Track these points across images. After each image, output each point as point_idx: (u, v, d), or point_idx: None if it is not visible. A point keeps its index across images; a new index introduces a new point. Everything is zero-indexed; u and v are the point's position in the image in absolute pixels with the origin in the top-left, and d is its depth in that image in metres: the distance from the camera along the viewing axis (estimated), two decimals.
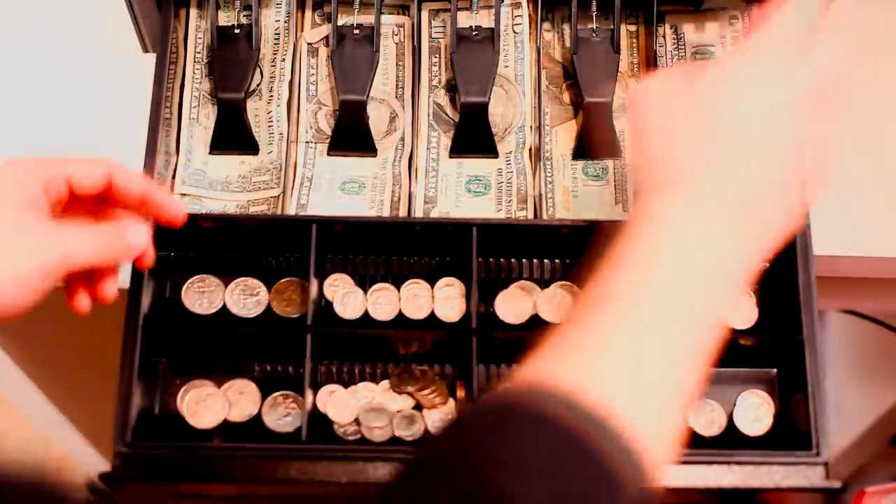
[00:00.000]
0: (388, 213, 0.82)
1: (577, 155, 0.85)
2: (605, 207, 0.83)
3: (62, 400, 1.42)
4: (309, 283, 0.78)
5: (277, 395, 0.78)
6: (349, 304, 0.79)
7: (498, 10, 0.85)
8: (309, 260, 0.78)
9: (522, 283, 0.80)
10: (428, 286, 0.80)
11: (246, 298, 0.80)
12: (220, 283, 0.80)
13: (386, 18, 0.88)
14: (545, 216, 0.82)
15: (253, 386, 0.78)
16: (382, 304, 0.79)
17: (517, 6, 0.87)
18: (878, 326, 1.27)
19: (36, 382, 1.34)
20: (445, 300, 0.80)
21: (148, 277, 0.77)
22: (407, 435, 0.77)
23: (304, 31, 0.88)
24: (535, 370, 0.55)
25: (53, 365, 1.37)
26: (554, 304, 0.79)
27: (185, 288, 0.80)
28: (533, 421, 0.51)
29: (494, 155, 0.85)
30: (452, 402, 0.77)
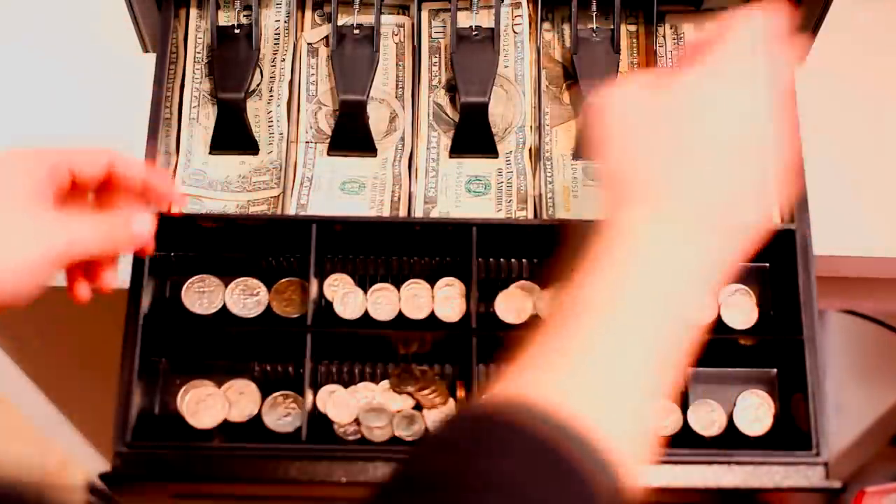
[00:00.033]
0: (388, 213, 0.82)
1: (577, 155, 0.85)
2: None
3: (62, 400, 1.42)
4: (309, 283, 0.78)
5: (277, 395, 0.78)
6: (349, 304, 0.79)
7: (498, 10, 0.85)
8: (309, 260, 0.78)
9: (522, 283, 0.80)
10: (428, 286, 0.80)
11: (246, 298, 0.80)
12: (220, 283, 0.80)
13: (386, 18, 0.88)
14: (545, 216, 0.82)
15: (253, 386, 0.78)
16: (382, 304, 0.80)
17: (517, 6, 0.87)
18: (878, 326, 1.27)
19: (36, 382, 1.34)
20: (445, 300, 0.80)
21: (148, 277, 0.77)
22: (407, 435, 0.77)
23: (304, 31, 0.88)
24: (511, 385, 0.55)
25: (53, 365, 1.37)
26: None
27: (185, 288, 0.80)
28: (511, 438, 0.51)
29: (494, 155, 0.85)
30: (452, 402, 0.78)
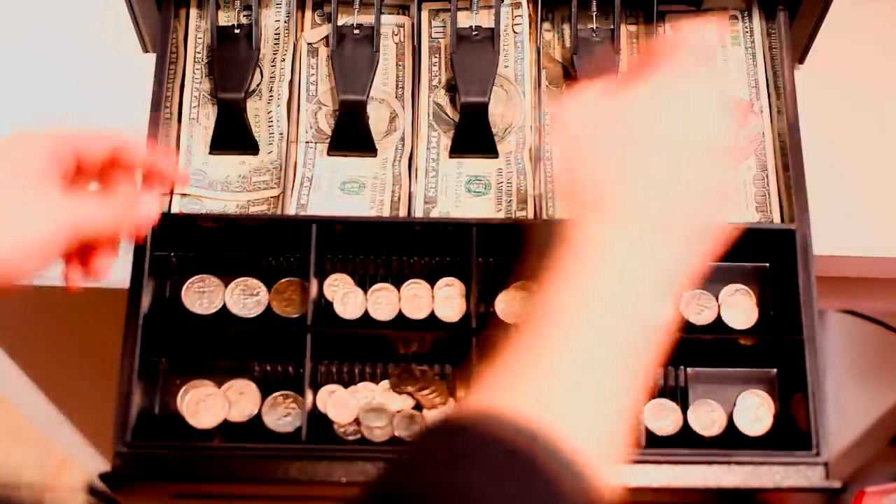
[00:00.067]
0: (388, 213, 0.82)
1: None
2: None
3: (62, 400, 1.42)
4: (309, 283, 0.78)
5: (277, 395, 0.78)
6: (349, 304, 0.79)
7: (498, 10, 0.85)
8: (309, 260, 0.78)
9: (522, 283, 0.80)
10: (428, 286, 0.80)
11: (246, 298, 0.80)
12: (220, 283, 0.80)
13: (386, 18, 0.88)
14: (545, 216, 0.82)
15: (253, 386, 0.78)
16: (382, 304, 0.79)
17: (517, 6, 0.87)
18: (878, 327, 1.27)
19: (36, 382, 1.33)
20: (445, 300, 0.79)
21: (148, 277, 0.77)
22: (407, 435, 0.77)
23: (304, 31, 0.88)
24: (484, 396, 0.56)
25: (53, 365, 1.37)
26: None
27: (185, 288, 0.80)
28: (485, 451, 0.52)
29: (494, 155, 0.84)
30: (452, 401, 0.78)
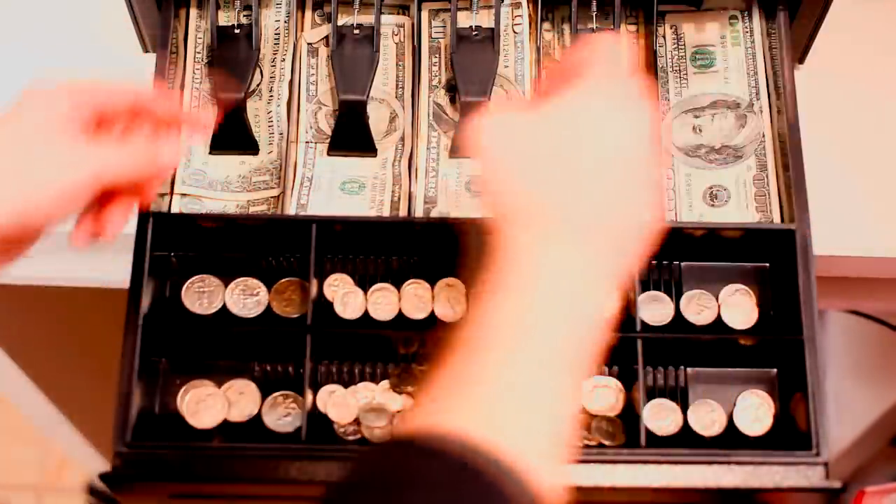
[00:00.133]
0: (388, 213, 0.82)
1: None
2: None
3: (62, 400, 1.42)
4: (309, 283, 0.78)
5: (277, 395, 0.78)
6: (349, 304, 0.79)
7: (498, 10, 0.85)
8: (309, 260, 0.78)
9: None
10: (428, 286, 0.80)
11: (246, 298, 0.80)
12: (220, 283, 0.80)
13: (386, 18, 0.88)
14: None
15: (253, 386, 0.78)
16: (382, 304, 0.79)
17: (517, 6, 0.87)
18: (878, 327, 1.27)
19: (36, 382, 1.34)
20: (445, 300, 0.79)
21: (148, 277, 0.77)
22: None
23: (304, 31, 0.88)
24: (429, 416, 0.56)
25: (53, 365, 1.37)
26: None
27: (185, 288, 0.80)
28: (435, 469, 0.52)
29: None
30: None
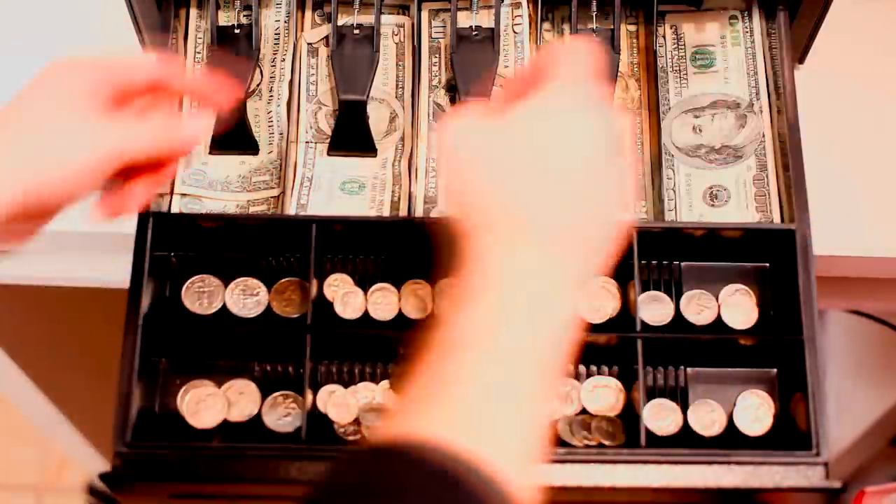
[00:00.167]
0: (388, 213, 0.82)
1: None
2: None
3: (62, 400, 1.42)
4: (309, 283, 0.78)
5: (277, 395, 0.78)
6: (349, 304, 0.79)
7: (498, 10, 0.85)
8: (309, 260, 0.78)
9: None
10: (428, 286, 0.80)
11: (246, 298, 0.80)
12: (220, 283, 0.80)
13: (386, 18, 0.88)
14: None
15: (253, 386, 0.78)
16: (382, 304, 0.79)
17: (517, 6, 0.87)
18: (878, 326, 1.27)
19: (36, 382, 1.34)
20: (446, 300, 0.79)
21: (148, 277, 0.77)
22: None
23: (304, 31, 0.88)
24: (403, 424, 0.56)
25: (53, 365, 1.37)
26: None
27: (185, 288, 0.80)
28: (415, 476, 0.52)
29: None
30: None
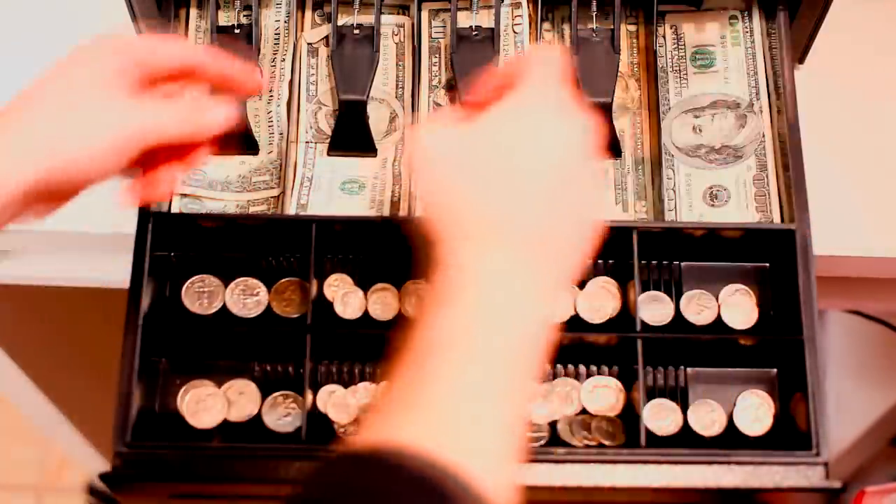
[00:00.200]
0: (388, 213, 0.82)
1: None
2: (605, 208, 0.83)
3: (62, 400, 1.42)
4: (309, 283, 0.78)
5: (277, 395, 0.78)
6: (349, 304, 0.79)
7: (498, 10, 0.85)
8: (309, 260, 0.78)
9: None
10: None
11: (246, 298, 0.80)
12: (220, 283, 0.80)
13: (386, 18, 0.88)
14: None
15: (253, 386, 0.78)
16: (382, 304, 0.79)
17: (517, 6, 0.87)
18: (878, 327, 1.27)
19: (36, 382, 1.33)
20: None
21: (148, 277, 0.77)
22: None
23: (304, 31, 0.88)
24: (382, 428, 0.56)
25: (53, 365, 1.37)
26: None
27: (185, 288, 0.80)
28: (394, 483, 0.53)
29: None
30: None
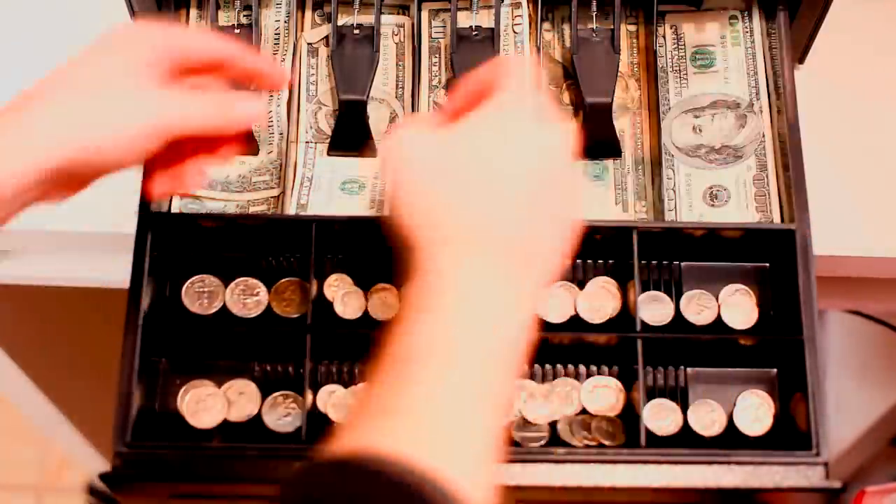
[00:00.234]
0: (388, 212, 0.82)
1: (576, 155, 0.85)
2: (605, 208, 0.83)
3: (62, 400, 1.42)
4: (309, 283, 0.78)
5: (277, 395, 0.78)
6: (349, 304, 0.79)
7: (498, 10, 0.85)
8: (309, 260, 0.78)
9: None
10: None
11: (246, 298, 0.80)
12: (220, 283, 0.80)
13: (386, 18, 0.88)
14: None
15: (253, 386, 0.78)
16: (382, 304, 0.79)
17: (517, 6, 0.87)
18: (877, 327, 1.27)
19: (36, 382, 1.33)
20: None
21: (148, 277, 0.77)
22: None
23: (304, 31, 0.88)
24: (361, 435, 0.56)
25: (53, 365, 1.37)
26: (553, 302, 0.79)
27: (185, 288, 0.80)
28: (374, 490, 0.53)
29: None
30: None
